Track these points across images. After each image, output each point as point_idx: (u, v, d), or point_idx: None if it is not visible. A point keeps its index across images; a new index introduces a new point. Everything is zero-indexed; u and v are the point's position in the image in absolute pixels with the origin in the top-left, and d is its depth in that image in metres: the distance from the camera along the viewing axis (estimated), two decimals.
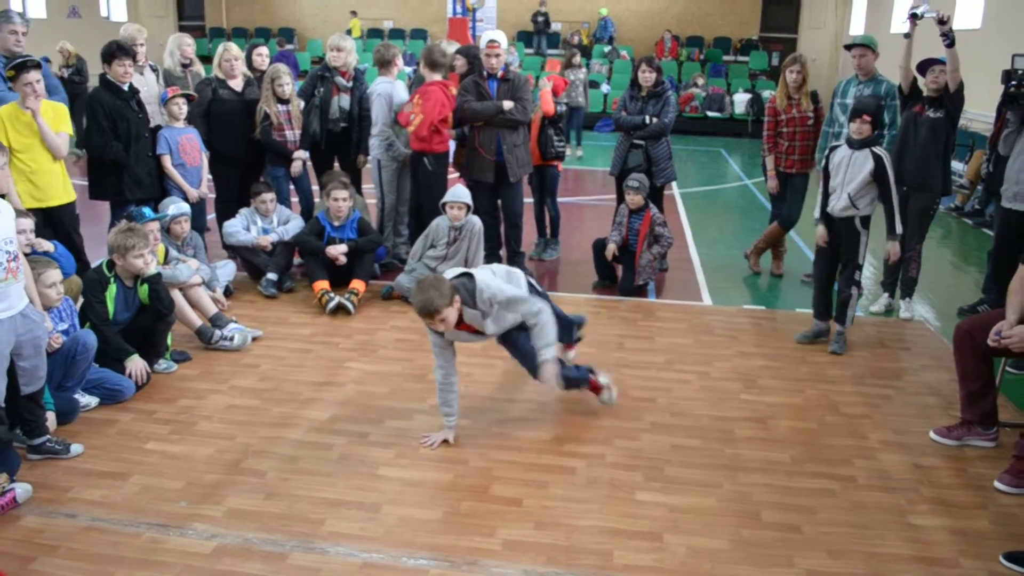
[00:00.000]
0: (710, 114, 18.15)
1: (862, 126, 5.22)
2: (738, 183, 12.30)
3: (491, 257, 6.96)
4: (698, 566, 3.25)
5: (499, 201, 6.85)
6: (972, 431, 4.24)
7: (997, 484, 3.83)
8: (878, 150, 5.20)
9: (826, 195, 5.45)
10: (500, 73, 6.48)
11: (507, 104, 6.43)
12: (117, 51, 5.77)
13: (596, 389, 4.52)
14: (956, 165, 10.99)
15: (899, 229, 5.30)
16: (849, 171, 5.27)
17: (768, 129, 6.85)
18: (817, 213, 5.52)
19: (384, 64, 6.83)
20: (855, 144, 5.27)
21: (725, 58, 21.46)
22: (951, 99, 5.80)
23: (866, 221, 5.33)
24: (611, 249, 6.55)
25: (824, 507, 3.68)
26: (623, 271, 6.61)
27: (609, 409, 4.57)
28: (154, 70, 6.77)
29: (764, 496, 3.75)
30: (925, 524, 3.56)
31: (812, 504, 3.70)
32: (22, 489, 3.48)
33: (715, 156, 15.16)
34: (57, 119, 5.24)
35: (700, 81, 19.02)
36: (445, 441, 4.11)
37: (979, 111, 10.11)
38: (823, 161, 5.59)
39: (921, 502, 3.73)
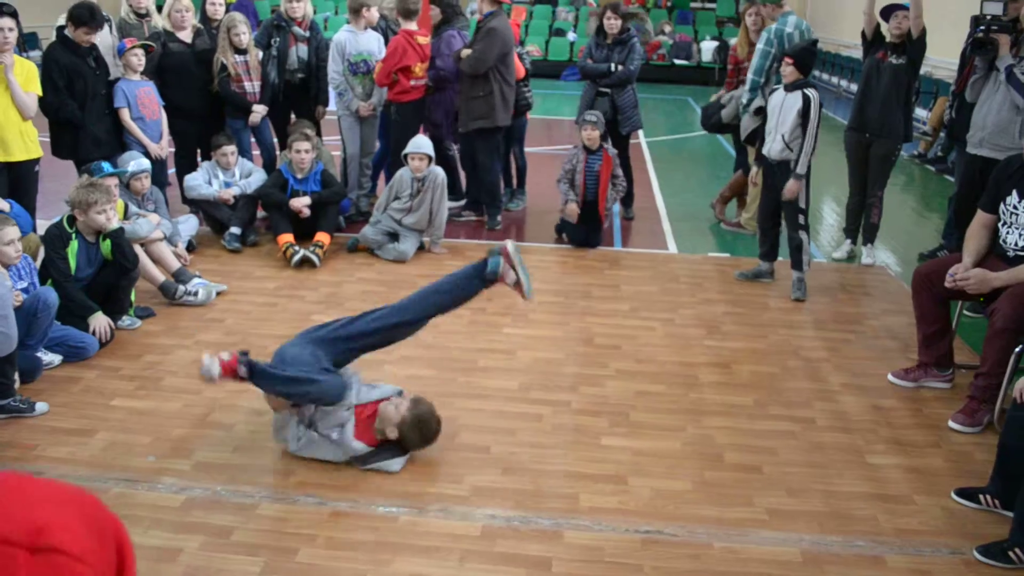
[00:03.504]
0: (677, 62, 18.06)
1: (785, 68, 5.35)
2: (704, 132, 12.29)
3: (474, 206, 7.12)
4: (662, 507, 3.33)
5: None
6: (929, 373, 4.35)
7: (951, 423, 3.95)
8: (809, 91, 5.27)
9: (762, 138, 5.59)
10: (479, 19, 6.44)
11: (464, 52, 6.38)
12: (90, 20, 5.59)
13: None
14: (919, 112, 11.07)
15: (800, 170, 5.33)
16: (782, 113, 5.36)
17: (730, 77, 6.85)
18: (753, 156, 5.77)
19: (354, 11, 6.70)
20: (788, 87, 5.36)
21: (692, 5, 21.28)
22: (913, 45, 5.82)
23: None
24: (573, 210, 6.39)
25: (784, 448, 3.77)
26: (590, 228, 6.53)
27: (574, 357, 4.62)
28: (107, 21, 6.58)
29: (726, 439, 3.84)
30: (881, 463, 3.66)
31: (773, 445, 3.79)
32: None
33: (682, 104, 15.14)
34: (28, 78, 5.14)
35: (667, 28, 18.89)
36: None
37: (943, 58, 10.16)
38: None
39: (878, 442, 3.83)
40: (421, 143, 6.05)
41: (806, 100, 5.23)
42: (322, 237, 6.03)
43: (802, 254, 5.50)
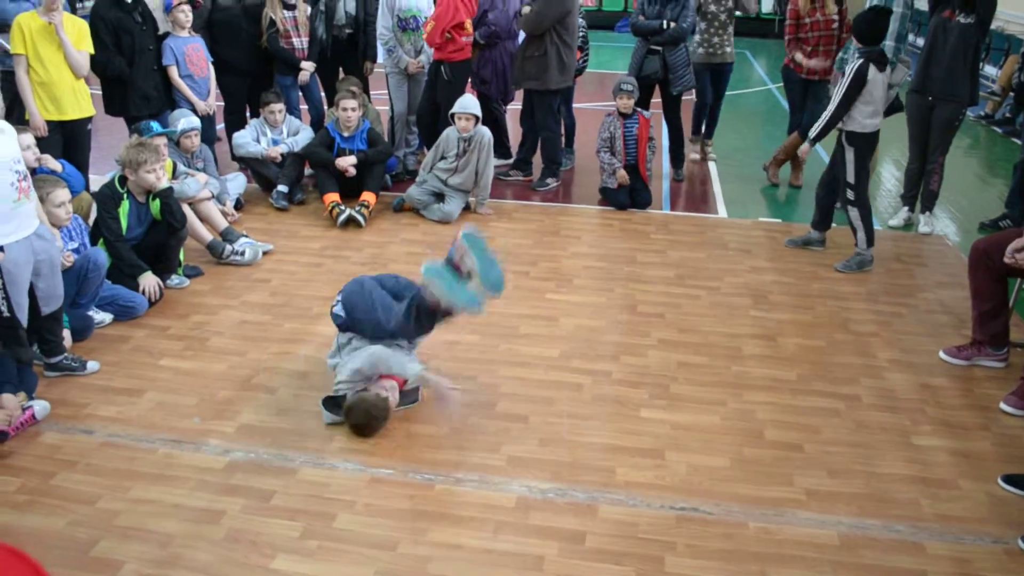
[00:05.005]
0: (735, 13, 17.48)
1: (853, 37, 5.23)
2: (762, 88, 11.99)
3: (522, 165, 7.13)
4: (697, 483, 3.30)
5: None
6: (982, 351, 4.22)
7: (1003, 406, 3.83)
8: (858, 61, 5.06)
9: None
10: None
11: (525, 9, 6.28)
12: None
13: None
14: (989, 70, 10.61)
15: (812, 133, 5.27)
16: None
17: (789, 33, 6.63)
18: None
19: None
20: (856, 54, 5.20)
21: None
22: (983, 3, 5.54)
23: (852, 137, 5.17)
24: (624, 175, 6.35)
25: (827, 426, 3.70)
26: (635, 190, 6.44)
27: (617, 325, 4.59)
28: None
29: (768, 415, 3.78)
30: (927, 445, 3.58)
31: (815, 423, 3.72)
32: (40, 406, 3.58)
33: (739, 58, 14.60)
34: (79, 36, 5.20)
35: None
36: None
37: (1017, 12, 9.69)
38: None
39: (925, 422, 3.74)
40: (468, 103, 5.99)
41: (854, 65, 5.06)
42: (368, 196, 6.04)
43: (856, 232, 5.33)
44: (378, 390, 3.59)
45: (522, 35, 6.59)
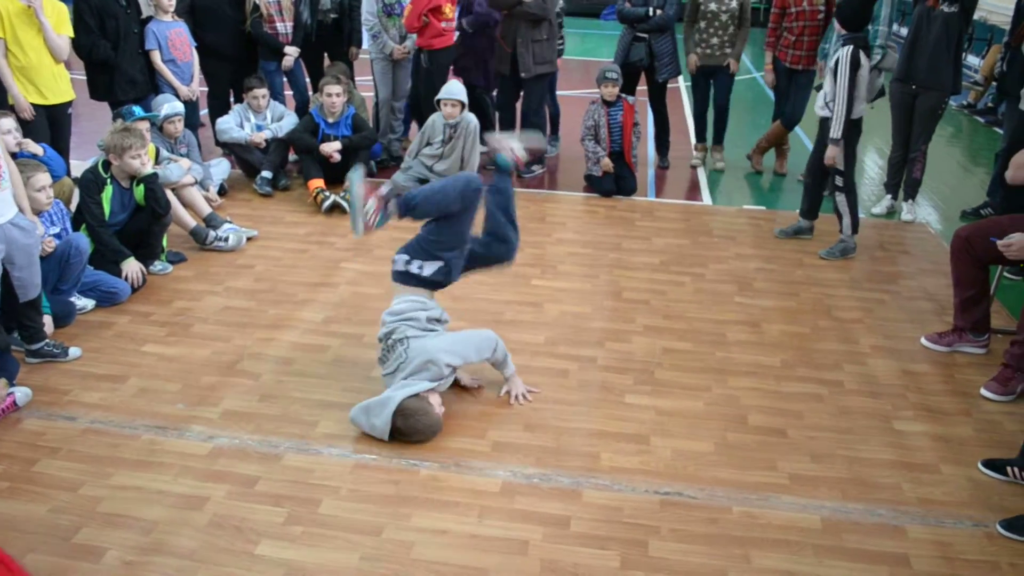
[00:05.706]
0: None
1: (837, 23, 5.19)
2: (746, 76, 11.97)
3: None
4: (682, 468, 3.32)
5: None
6: (963, 338, 4.25)
7: (984, 391, 3.87)
8: (846, 48, 5.01)
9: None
10: None
11: None
12: None
13: None
14: (972, 59, 10.67)
15: (833, 135, 5.08)
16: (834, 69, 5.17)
17: (773, 21, 6.65)
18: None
19: None
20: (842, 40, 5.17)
21: None
22: None
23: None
24: (608, 164, 6.33)
25: (810, 412, 3.73)
26: (620, 177, 6.43)
27: (602, 312, 4.59)
28: None
29: (752, 400, 3.80)
30: (909, 430, 3.61)
31: (799, 408, 3.75)
32: (22, 393, 3.54)
33: None
34: (59, 20, 5.14)
35: None
36: None
37: (999, 2, 9.74)
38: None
39: (907, 408, 3.78)
40: (454, 89, 5.97)
41: (838, 58, 5.02)
42: None
43: (842, 218, 5.33)
44: (439, 409, 3.52)
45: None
